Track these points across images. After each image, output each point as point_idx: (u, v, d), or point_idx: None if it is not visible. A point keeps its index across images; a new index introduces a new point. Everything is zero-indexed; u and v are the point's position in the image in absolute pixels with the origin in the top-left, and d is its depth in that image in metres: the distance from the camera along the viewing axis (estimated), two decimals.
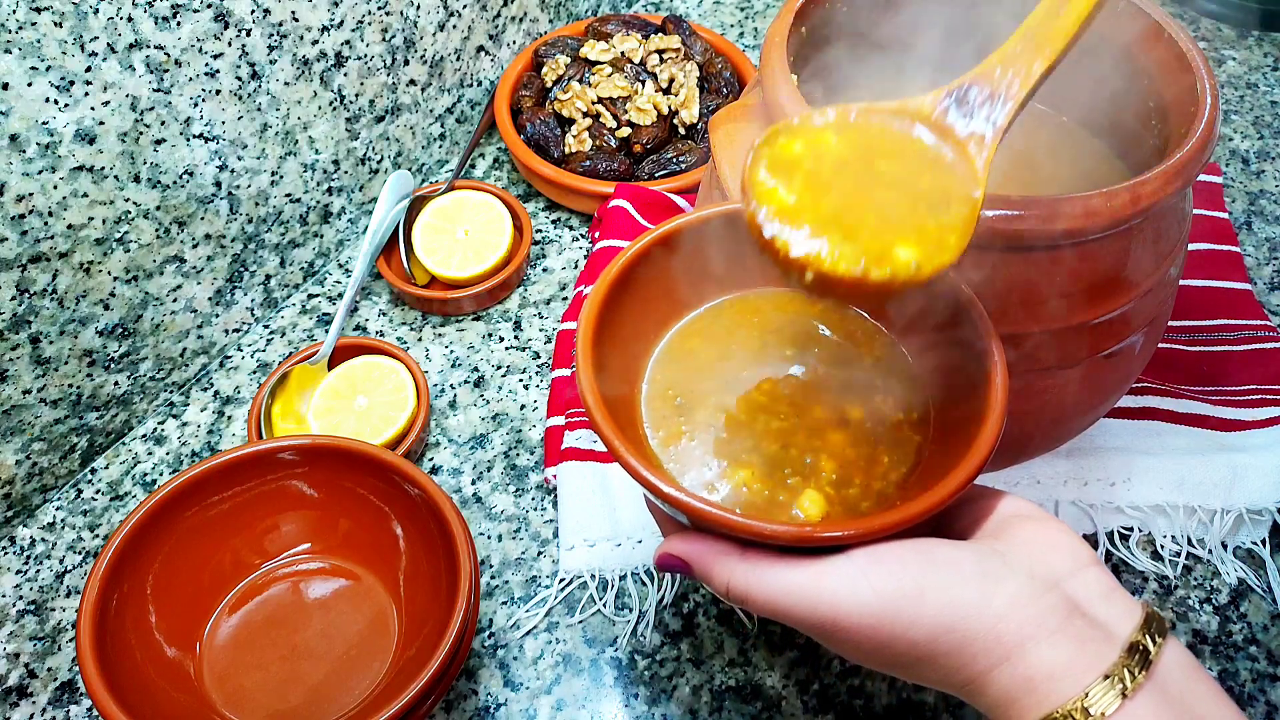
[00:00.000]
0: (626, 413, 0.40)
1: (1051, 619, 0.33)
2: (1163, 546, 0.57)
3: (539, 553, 0.58)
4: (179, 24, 0.54)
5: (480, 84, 0.79)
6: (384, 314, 0.70)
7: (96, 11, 0.50)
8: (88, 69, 0.51)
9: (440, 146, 0.78)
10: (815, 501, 0.38)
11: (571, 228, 0.75)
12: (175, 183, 0.58)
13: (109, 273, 0.57)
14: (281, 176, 0.65)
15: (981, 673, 0.33)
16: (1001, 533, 0.36)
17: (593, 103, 0.75)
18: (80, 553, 0.58)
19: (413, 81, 0.72)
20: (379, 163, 0.72)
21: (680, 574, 0.38)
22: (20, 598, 0.56)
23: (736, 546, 0.35)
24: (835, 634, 0.34)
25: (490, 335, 0.68)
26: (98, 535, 0.59)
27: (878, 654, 0.34)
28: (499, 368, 0.67)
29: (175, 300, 0.62)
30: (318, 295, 0.71)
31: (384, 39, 0.67)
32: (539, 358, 0.67)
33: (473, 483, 0.61)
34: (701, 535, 0.36)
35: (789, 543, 0.34)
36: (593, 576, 0.56)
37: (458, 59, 0.75)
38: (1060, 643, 0.32)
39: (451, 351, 0.68)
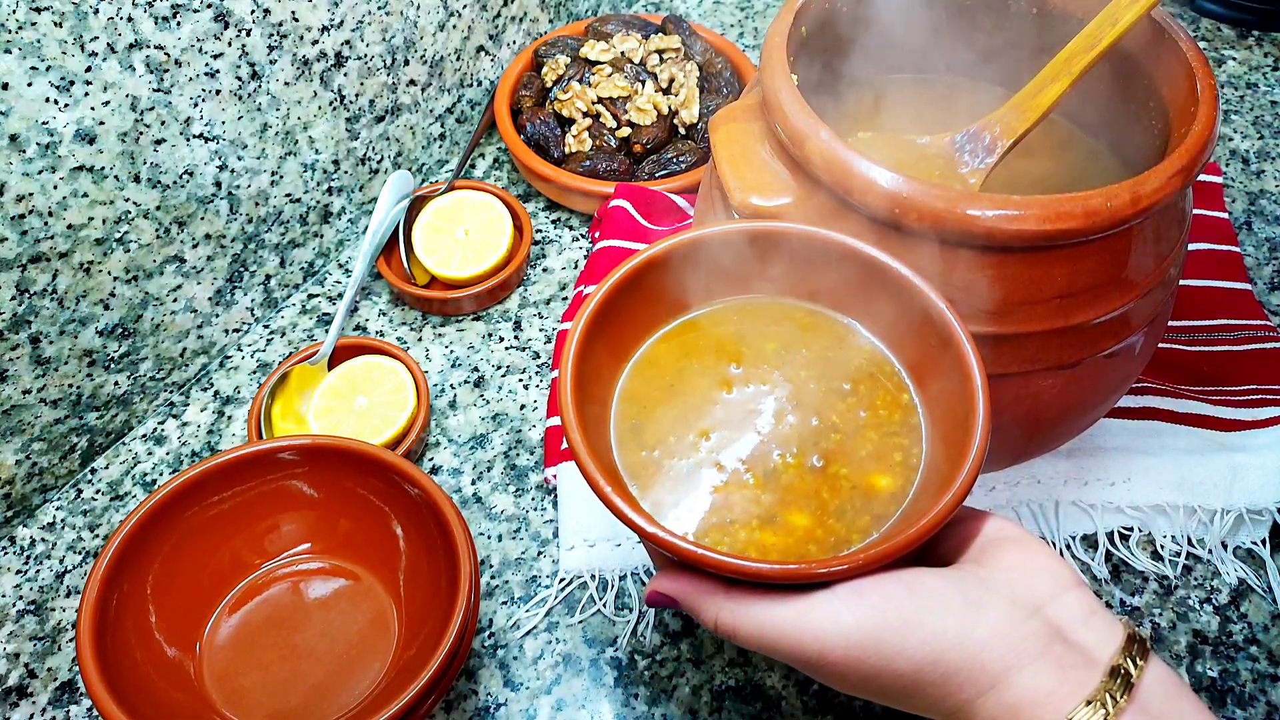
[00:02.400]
0: (597, 438, 0.40)
1: (1033, 646, 0.33)
2: (1163, 546, 0.57)
3: (539, 553, 0.58)
4: (179, 24, 0.54)
5: (480, 84, 0.79)
6: (384, 314, 0.70)
7: (96, 11, 0.50)
8: (88, 69, 0.51)
9: (440, 146, 0.78)
10: (801, 535, 0.38)
11: (571, 228, 0.75)
12: (175, 183, 0.58)
13: (109, 273, 0.57)
14: (281, 176, 0.65)
15: (968, 701, 0.34)
16: (984, 557, 0.36)
17: (593, 103, 0.75)
18: (80, 553, 0.58)
19: (413, 81, 0.72)
20: (379, 163, 0.72)
21: (671, 609, 0.38)
22: (20, 598, 0.56)
23: (722, 584, 0.36)
24: (822, 667, 0.34)
25: (490, 335, 0.68)
26: (98, 535, 0.59)
27: (864, 685, 0.35)
28: (499, 368, 0.67)
29: (175, 300, 0.62)
30: (318, 295, 0.71)
31: (384, 39, 0.67)
32: (539, 358, 0.67)
33: (473, 483, 0.61)
34: (688, 573, 0.37)
35: (774, 580, 0.34)
36: (593, 576, 0.56)
37: (458, 59, 0.75)
38: (1042, 669, 0.33)
39: (451, 351, 0.68)
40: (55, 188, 0.52)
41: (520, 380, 0.66)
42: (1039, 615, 0.34)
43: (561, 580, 0.56)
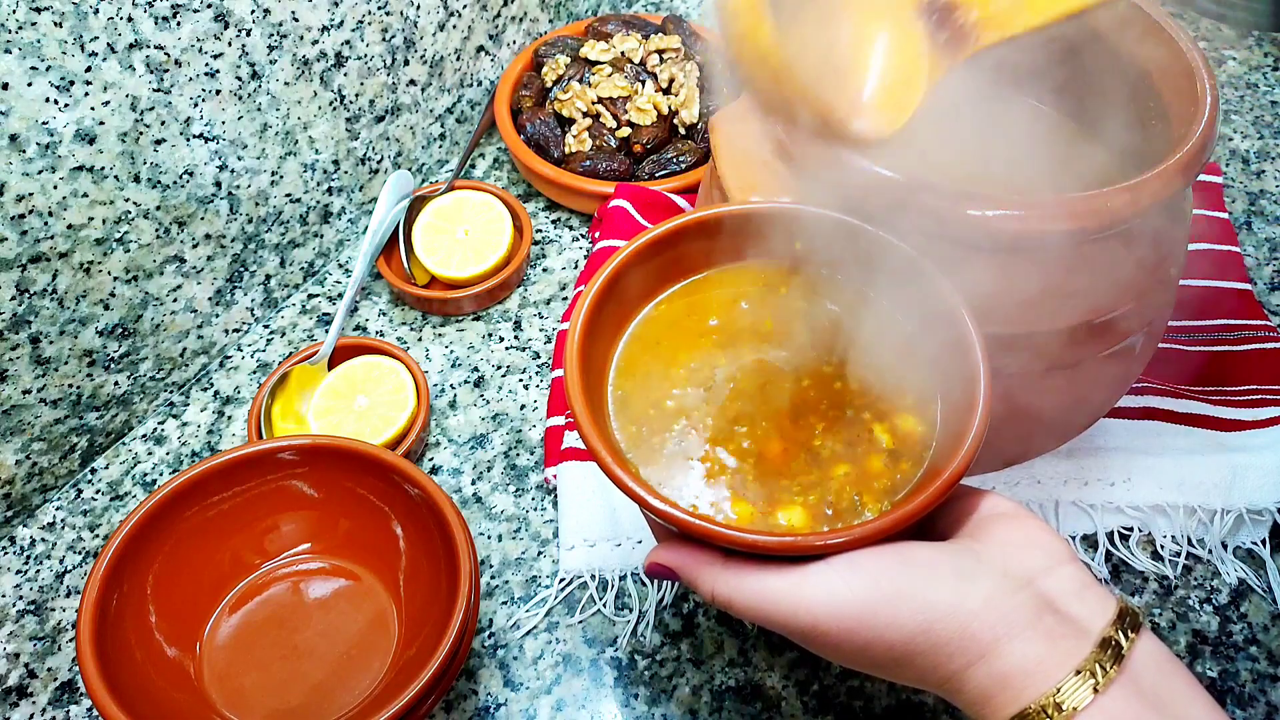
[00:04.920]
0: (599, 411, 0.40)
1: (1024, 616, 0.33)
2: (1163, 546, 0.57)
3: (539, 553, 0.58)
4: (179, 24, 0.54)
5: (480, 84, 0.79)
6: (384, 314, 0.70)
7: (96, 11, 0.50)
8: (88, 69, 0.51)
9: (440, 146, 0.78)
10: (799, 514, 0.38)
11: (571, 228, 0.75)
12: (175, 183, 0.58)
13: (109, 273, 0.57)
14: (281, 176, 0.65)
15: (958, 671, 0.34)
16: (979, 532, 0.37)
17: (593, 103, 0.75)
18: (80, 553, 0.58)
19: (413, 81, 0.72)
20: (379, 163, 0.72)
21: (669, 580, 0.38)
22: (20, 598, 0.56)
23: (720, 555, 0.36)
24: (816, 638, 0.35)
25: (490, 335, 0.68)
26: (98, 535, 0.59)
27: (858, 656, 0.35)
28: (499, 368, 0.67)
29: (175, 300, 0.62)
30: (318, 295, 0.71)
31: (384, 39, 0.67)
32: (539, 358, 0.67)
33: (473, 483, 0.61)
34: (687, 544, 0.37)
35: (772, 552, 0.35)
36: (593, 576, 0.56)
37: (458, 59, 0.75)
38: (1032, 640, 0.33)
39: (451, 351, 0.68)
40: (55, 188, 0.52)
41: (520, 380, 0.66)
42: (1030, 587, 0.34)
43: (561, 580, 0.56)
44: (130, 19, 0.52)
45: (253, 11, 0.58)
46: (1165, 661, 0.34)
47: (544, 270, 0.72)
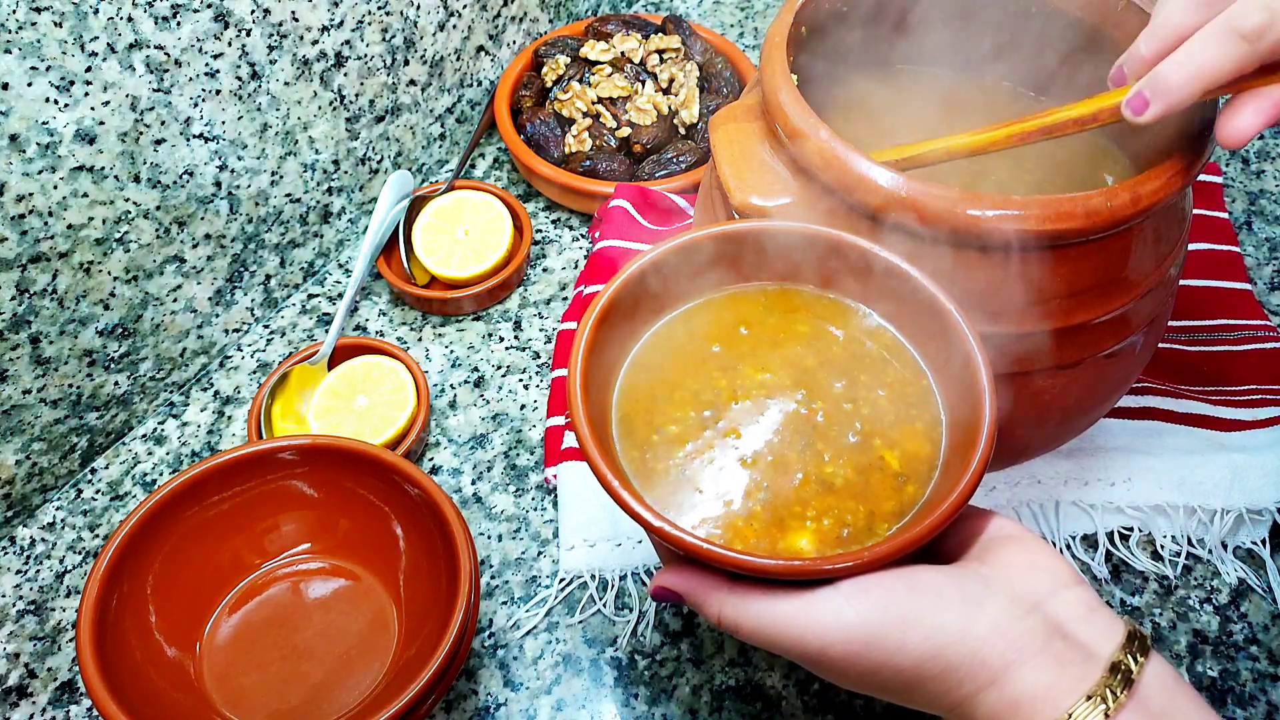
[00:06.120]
0: (603, 434, 0.40)
1: (1033, 642, 0.33)
2: (1163, 546, 0.57)
3: (539, 553, 0.58)
4: (179, 24, 0.54)
5: (480, 84, 0.79)
6: (384, 314, 0.70)
7: (96, 11, 0.50)
8: (88, 69, 0.51)
9: (440, 146, 0.78)
10: (806, 538, 0.38)
11: (571, 228, 0.75)
12: (175, 183, 0.58)
13: (109, 273, 0.57)
14: (281, 176, 0.65)
15: (968, 696, 0.34)
16: (986, 555, 0.37)
17: (593, 103, 0.75)
18: (80, 553, 0.58)
19: (413, 81, 0.72)
20: (379, 163, 0.72)
21: (676, 604, 0.38)
22: (20, 598, 0.56)
23: (726, 579, 0.36)
24: (824, 662, 0.35)
25: (490, 335, 0.68)
26: (98, 535, 0.59)
27: (865, 680, 0.35)
28: (499, 368, 0.67)
29: (175, 300, 0.62)
30: (318, 295, 0.71)
31: (384, 39, 0.67)
32: (539, 358, 0.67)
33: (473, 483, 0.61)
34: (694, 568, 0.37)
35: (779, 576, 0.34)
36: (593, 576, 0.56)
37: (458, 59, 0.75)
38: (1042, 665, 0.33)
39: (451, 351, 0.68)
40: (55, 188, 0.52)
41: (520, 380, 0.66)
42: (1039, 612, 0.34)
43: (561, 580, 0.56)
44: (130, 19, 0.52)
45: (253, 11, 0.58)
46: (1173, 684, 0.34)
47: (544, 270, 0.72)
